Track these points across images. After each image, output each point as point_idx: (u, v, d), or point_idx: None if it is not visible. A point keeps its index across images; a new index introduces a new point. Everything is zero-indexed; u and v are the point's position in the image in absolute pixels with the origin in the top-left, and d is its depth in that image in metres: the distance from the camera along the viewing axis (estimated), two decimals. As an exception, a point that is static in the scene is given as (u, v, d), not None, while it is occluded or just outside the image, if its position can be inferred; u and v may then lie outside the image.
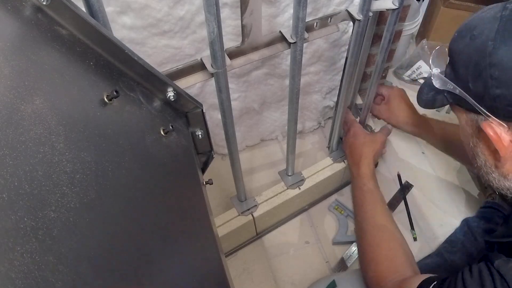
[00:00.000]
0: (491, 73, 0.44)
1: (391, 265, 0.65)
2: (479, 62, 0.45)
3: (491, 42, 0.44)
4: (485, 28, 0.45)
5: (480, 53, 0.45)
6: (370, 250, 0.69)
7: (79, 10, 0.32)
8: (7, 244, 0.20)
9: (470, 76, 0.47)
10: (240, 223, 0.80)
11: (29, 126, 0.25)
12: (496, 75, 0.44)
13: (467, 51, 0.47)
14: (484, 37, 0.45)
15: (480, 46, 0.45)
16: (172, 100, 0.45)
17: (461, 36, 0.49)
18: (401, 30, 0.95)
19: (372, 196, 0.76)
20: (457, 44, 0.50)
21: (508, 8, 0.45)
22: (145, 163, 0.39)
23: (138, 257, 0.33)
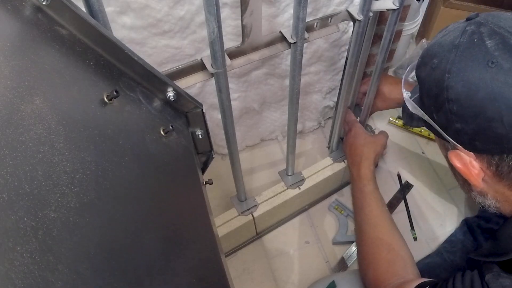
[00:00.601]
0: (449, 108, 0.43)
1: (390, 268, 0.64)
2: (439, 95, 0.44)
3: (447, 75, 0.42)
4: (443, 57, 0.43)
5: (439, 86, 0.44)
6: (370, 252, 0.69)
7: (79, 10, 0.32)
8: (7, 244, 0.20)
9: (433, 107, 0.46)
10: (240, 223, 0.80)
11: (29, 126, 0.25)
12: (454, 110, 0.42)
13: (428, 81, 0.46)
14: (442, 68, 0.43)
15: (438, 78, 0.44)
16: (172, 100, 0.45)
17: (424, 63, 0.48)
18: (401, 30, 0.95)
19: (372, 198, 0.75)
20: (420, 71, 0.48)
21: (467, 33, 0.43)
22: (145, 163, 0.39)
23: (138, 257, 0.33)
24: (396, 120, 1.08)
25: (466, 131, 0.42)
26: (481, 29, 0.42)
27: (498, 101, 0.39)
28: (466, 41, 0.42)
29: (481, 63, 0.40)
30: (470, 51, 0.41)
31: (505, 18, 0.42)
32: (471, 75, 0.41)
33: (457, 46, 0.43)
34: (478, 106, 0.40)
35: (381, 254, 0.67)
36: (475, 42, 0.41)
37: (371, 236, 0.70)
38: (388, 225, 0.71)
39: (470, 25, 0.43)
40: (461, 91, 0.41)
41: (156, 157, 0.42)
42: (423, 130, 1.06)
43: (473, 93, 0.40)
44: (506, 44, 0.39)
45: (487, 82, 0.40)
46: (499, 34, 0.40)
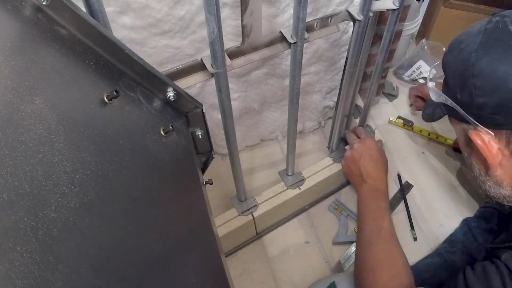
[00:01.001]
0: (474, 82, 0.46)
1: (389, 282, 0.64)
2: (464, 73, 0.47)
3: (474, 54, 0.46)
4: (471, 41, 0.48)
5: (464, 64, 0.47)
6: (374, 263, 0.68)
7: (79, 10, 0.32)
8: (7, 244, 0.20)
9: (457, 87, 0.49)
10: (240, 223, 0.80)
11: (29, 126, 0.25)
12: (478, 84, 0.46)
13: (454, 63, 0.50)
14: (469, 50, 0.47)
15: (465, 58, 0.48)
16: (172, 100, 0.45)
17: (451, 50, 0.52)
18: (401, 30, 0.95)
19: (387, 213, 0.76)
20: (447, 58, 0.52)
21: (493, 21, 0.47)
22: (145, 163, 0.39)
23: (138, 257, 0.33)
24: (396, 120, 1.08)
25: (489, 105, 0.45)
26: (505, 18, 0.47)
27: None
28: (492, 27, 0.47)
29: (504, 42, 0.45)
30: (495, 34, 0.46)
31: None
32: (494, 52, 0.45)
33: (483, 31, 0.47)
34: (500, 78, 0.44)
35: (385, 266, 0.67)
36: (499, 27, 0.46)
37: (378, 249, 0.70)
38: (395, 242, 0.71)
39: (496, 17, 0.48)
40: (485, 66, 0.45)
41: (156, 157, 0.42)
42: (422, 130, 1.06)
43: (496, 67, 0.44)
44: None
45: (509, 57, 0.44)
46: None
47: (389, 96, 1.14)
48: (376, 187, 0.81)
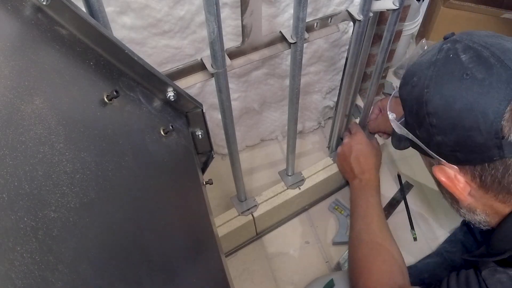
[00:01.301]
0: (430, 121, 0.44)
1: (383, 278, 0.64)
2: (419, 111, 0.46)
3: (426, 90, 0.44)
4: (422, 74, 0.46)
5: (419, 101, 0.45)
6: (365, 261, 0.68)
7: (79, 10, 0.32)
8: (7, 244, 0.20)
9: (415, 124, 0.48)
10: (240, 223, 0.80)
11: (29, 126, 0.25)
12: (434, 123, 0.44)
13: (409, 99, 0.48)
14: (421, 85, 0.45)
15: (418, 94, 0.46)
16: (172, 100, 0.45)
17: (405, 83, 0.50)
18: (401, 30, 0.95)
19: (376, 209, 0.75)
20: (402, 91, 0.50)
21: (443, 50, 0.45)
22: (145, 163, 0.39)
23: (137, 257, 0.33)
24: (396, 120, 1.08)
25: (447, 143, 0.44)
26: (456, 45, 0.44)
27: (474, 111, 0.40)
28: (443, 57, 0.44)
29: (456, 76, 0.42)
30: (446, 66, 0.44)
31: (479, 35, 0.44)
32: (447, 88, 0.42)
33: (434, 62, 0.45)
34: (456, 117, 0.42)
35: (376, 263, 0.67)
36: (450, 57, 0.44)
37: (368, 246, 0.70)
38: (387, 237, 0.71)
39: (446, 43, 0.46)
40: (439, 104, 0.43)
41: (156, 157, 0.42)
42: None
43: (450, 105, 0.42)
44: (479, 57, 0.42)
45: (462, 93, 0.41)
46: (473, 49, 0.43)
47: (389, 96, 1.14)
48: (365, 182, 0.80)
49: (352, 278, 0.69)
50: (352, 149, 0.84)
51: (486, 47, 0.42)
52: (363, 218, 0.75)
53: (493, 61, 0.41)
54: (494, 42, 0.43)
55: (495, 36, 0.45)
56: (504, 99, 0.39)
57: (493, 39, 0.44)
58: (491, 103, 0.40)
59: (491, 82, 0.40)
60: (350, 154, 0.84)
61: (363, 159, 0.82)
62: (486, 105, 0.40)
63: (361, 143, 0.84)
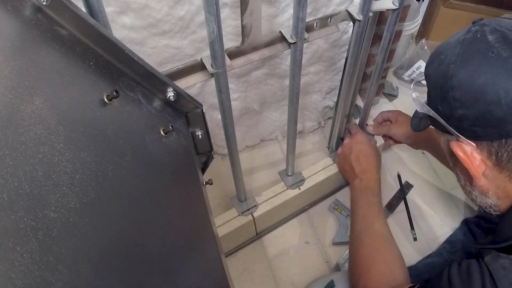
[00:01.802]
0: (453, 95, 0.46)
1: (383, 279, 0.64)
2: (443, 85, 0.47)
3: (452, 66, 0.46)
4: (450, 52, 0.47)
5: (443, 76, 0.47)
6: (365, 262, 0.68)
7: (79, 10, 0.32)
8: (7, 244, 0.20)
9: (438, 99, 0.49)
10: (240, 223, 0.80)
11: (29, 126, 0.25)
12: (457, 96, 0.45)
13: (434, 75, 0.49)
14: (448, 61, 0.47)
15: (444, 70, 0.47)
16: (172, 100, 0.45)
17: (431, 62, 0.51)
18: (401, 30, 0.95)
19: (377, 209, 0.75)
20: (428, 69, 0.51)
21: (472, 31, 0.47)
22: (145, 163, 0.39)
23: (138, 257, 0.33)
24: (396, 120, 1.08)
25: (468, 117, 0.45)
26: (484, 28, 0.46)
27: (496, 85, 0.42)
28: (470, 37, 0.46)
29: (482, 53, 0.44)
30: (473, 44, 0.45)
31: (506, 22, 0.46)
32: (472, 64, 0.44)
33: (462, 41, 0.46)
34: (478, 90, 0.43)
35: (376, 264, 0.66)
36: (478, 37, 0.45)
37: (369, 247, 0.70)
38: (387, 238, 0.71)
39: (475, 26, 0.47)
40: (463, 78, 0.44)
41: (156, 157, 0.42)
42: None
43: (474, 79, 0.43)
44: (506, 38, 0.43)
45: (486, 68, 0.43)
46: (500, 31, 0.44)
47: (389, 96, 1.14)
48: (366, 181, 0.80)
49: (352, 279, 0.69)
50: (353, 149, 0.84)
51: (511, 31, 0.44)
52: (364, 218, 0.74)
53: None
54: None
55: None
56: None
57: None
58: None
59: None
60: (350, 153, 0.84)
61: (364, 159, 0.82)
62: (509, 81, 0.41)
63: (361, 143, 0.84)
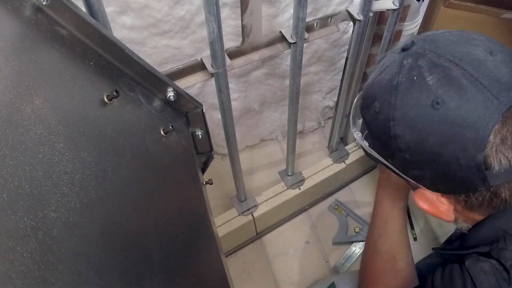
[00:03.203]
0: (402, 156, 0.39)
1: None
2: (388, 143, 0.40)
3: (392, 123, 0.39)
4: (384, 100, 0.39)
5: (386, 133, 0.40)
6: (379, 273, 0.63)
7: (79, 10, 0.32)
8: (7, 244, 0.20)
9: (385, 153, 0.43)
10: (240, 223, 0.80)
11: (29, 126, 0.25)
12: (408, 158, 0.39)
13: (374, 126, 0.42)
14: (385, 114, 0.39)
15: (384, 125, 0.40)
16: (172, 100, 0.45)
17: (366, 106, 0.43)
18: (401, 30, 0.95)
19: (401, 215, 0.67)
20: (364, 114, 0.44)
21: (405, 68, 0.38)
22: (145, 163, 0.39)
23: (137, 257, 0.33)
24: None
25: (425, 176, 0.40)
26: (419, 62, 0.38)
27: (451, 145, 0.36)
28: (406, 81, 0.38)
29: (425, 105, 0.36)
30: (411, 92, 0.37)
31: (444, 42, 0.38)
32: (417, 121, 0.37)
33: (396, 87, 0.38)
34: (431, 152, 0.37)
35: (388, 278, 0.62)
36: (415, 81, 0.37)
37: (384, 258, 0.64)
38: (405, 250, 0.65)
39: (407, 58, 0.39)
40: (410, 140, 0.38)
41: (156, 157, 0.42)
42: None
43: (423, 141, 0.37)
44: (449, 78, 0.36)
45: (435, 126, 0.36)
46: (440, 67, 0.36)
47: None
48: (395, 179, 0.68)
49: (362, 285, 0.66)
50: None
51: (455, 63, 0.36)
52: (385, 223, 0.67)
53: (466, 82, 0.35)
54: (463, 51, 0.37)
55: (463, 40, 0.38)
56: (484, 127, 0.34)
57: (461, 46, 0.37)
58: (470, 134, 0.35)
59: (467, 111, 0.35)
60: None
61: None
62: (464, 137, 0.35)
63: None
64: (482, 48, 0.37)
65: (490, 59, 0.36)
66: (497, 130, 0.35)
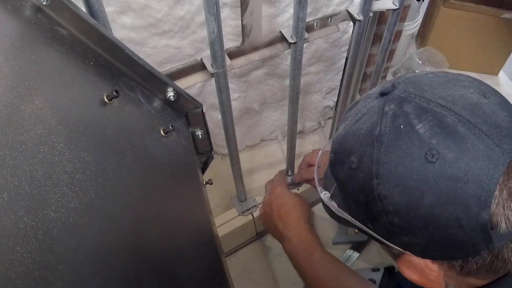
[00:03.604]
0: (389, 220, 0.33)
1: None
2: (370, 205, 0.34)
3: (377, 181, 0.33)
4: (364, 154, 0.33)
5: (367, 194, 0.34)
6: None
7: (79, 10, 0.32)
8: (7, 244, 0.20)
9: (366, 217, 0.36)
10: (240, 223, 0.80)
11: (29, 126, 0.25)
12: (396, 223, 0.33)
13: (351, 184, 0.36)
14: (366, 170, 0.33)
15: (364, 183, 0.34)
16: (172, 100, 0.45)
17: (339, 161, 0.37)
18: (401, 30, 0.95)
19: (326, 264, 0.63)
20: (336, 171, 0.38)
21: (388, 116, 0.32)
22: (145, 163, 0.39)
23: (137, 257, 0.33)
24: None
25: (417, 243, 0.34)
26: (405, 108, 0.32)
27: (451, 205, 0.30)
28: (390, 130, 0.32)
29: (417, 159, 0.31)
30: (398, 144, 0.31)
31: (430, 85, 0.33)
32: (408, 179, 0.31)
33: (378, 138, 0.33)
34: (426, 215, 0.31)
35: None
36: (402, 130, 0.32)
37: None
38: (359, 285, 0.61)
39: (389, 104, 0.33)
40: (400, 201, 0.32)
41: (156, 157, 0.42)
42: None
43: (416, 201, 0.31)
44: (443, 126, 0.30)
45: (430, 183, 0.30)
46: (431, 112, 0.31)
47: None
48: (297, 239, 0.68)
49: None
50: (273, 206, 0.75)
51: (447, 107, 0.31)
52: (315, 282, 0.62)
53: (463, 129, 0.30)
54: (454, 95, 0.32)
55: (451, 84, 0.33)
56: (489, 181, 0.29)
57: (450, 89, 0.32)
58: (472, 190, 0.30)
59: (468, 162, 0.30)
60: (271, 212, 0.74)
61: (285, 214, 0.71)
62: (466, 194, 0.30)
63: (280, 197, 0.75)
64: (473, 90, 0.32)
65: (485, 102, 0.31)
66: (503, 183, 0.30)
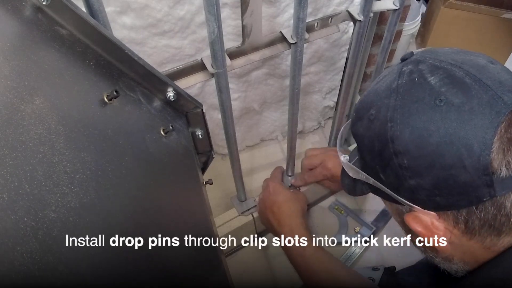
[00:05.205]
0: (399, 162, 0.36)
1: None
2: (383, 150, 0.37)
3: (390, 124, 0.36)
4: (382, 105, 0.37)
5: (381, 138, 0.37)
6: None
7: (79, 10, 0.32)
8: (7, 244, 0.20)
9: (378, 166, 0.39)
10: (240, 223, 0.80)
11: (29, 126, 0.25)
12: (405, 164, 0.36)
13: (368, 136, 0.39)
14: (382, 117, 0.37)
15: (379, 129, 0.37)
16: (172, 100, 0.45)
17: (359, 117, 0.41)
18: (401, 30, 0.95)
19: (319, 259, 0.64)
20: (356, 127, 0.41)
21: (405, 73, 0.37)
22: (145, 163, 0.39)
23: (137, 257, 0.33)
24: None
25: (423, 186, 0.36)
26: (420, 66, 0.37)
27: (455, 144, 0.33)
28: (406, 82, 0.36)
29: (427, 103, 0.34)
30: (412, 92, 0.36)
31: (444, 53, 0.37)
32: (418, 119, 0.35)
33: (395, 89, 0.37)
34: (433, 153, 0.34)
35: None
36: (416, 82, 0.36)
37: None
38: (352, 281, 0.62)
39: (407, 65, 0.38)
40: (410, 140, 0.35)
41: (156, 157, 0.42)
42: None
43: (424, 140, 0.34)
44: (452, 78, 0.34)
45: (438, 123, 0.34)
46: (442, 68, 0.35)
47: None
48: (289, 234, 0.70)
49: None
50: (266, 204, 0.76)
51: (457, 65, 0.35)
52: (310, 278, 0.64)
53: (470, 81, 0.34)
54: (464, 59, 0.36)
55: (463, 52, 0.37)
56: (490, 125, 0.33)
57: (462, 55, 0.37)
58: (476, 133, 0.33)
59: (472, 107, 0.33)
60: (265, 209, 0.76)
61: (277, 209, 0.73)
62: (470, 135, 0.33)
63: (274, 194, 0.76)
64: (482, 58, 0.37)
65: (491, 66, 0.36)
66: (504, 128, 0.33)
